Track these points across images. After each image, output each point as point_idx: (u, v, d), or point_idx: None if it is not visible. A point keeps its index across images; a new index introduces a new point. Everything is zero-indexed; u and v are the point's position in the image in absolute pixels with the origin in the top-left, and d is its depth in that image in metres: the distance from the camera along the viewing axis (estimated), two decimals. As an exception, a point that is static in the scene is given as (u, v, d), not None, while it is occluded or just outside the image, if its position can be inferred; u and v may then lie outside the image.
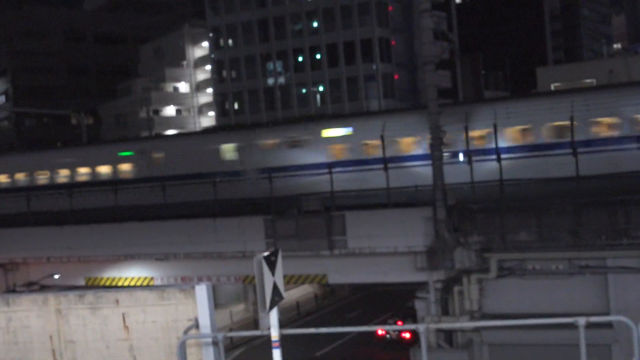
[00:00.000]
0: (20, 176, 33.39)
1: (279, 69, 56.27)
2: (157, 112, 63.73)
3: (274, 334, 8.59)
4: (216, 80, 59.97)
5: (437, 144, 19.76)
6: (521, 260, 19.05)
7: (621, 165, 19.44)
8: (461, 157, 22.04)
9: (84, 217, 25.63)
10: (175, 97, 66.22)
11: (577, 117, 19.93)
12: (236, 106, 58.74)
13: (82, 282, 25.81)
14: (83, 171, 31.41)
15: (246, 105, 57.63)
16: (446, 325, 19.13)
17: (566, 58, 70.59)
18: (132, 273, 24.96)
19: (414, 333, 25.67)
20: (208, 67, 63.33)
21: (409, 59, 54.25)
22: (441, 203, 19.19)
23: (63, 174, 31.79)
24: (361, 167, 23.60)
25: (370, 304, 37.97)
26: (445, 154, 20.30)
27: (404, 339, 28.59)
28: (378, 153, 23.14)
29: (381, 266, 20.83)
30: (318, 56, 54.33)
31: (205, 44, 63.20)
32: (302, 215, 21.26)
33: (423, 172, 21.20)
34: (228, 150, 27.37)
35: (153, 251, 23.50)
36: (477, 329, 19.10)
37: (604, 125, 20.52)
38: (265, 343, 8.82)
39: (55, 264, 25.60)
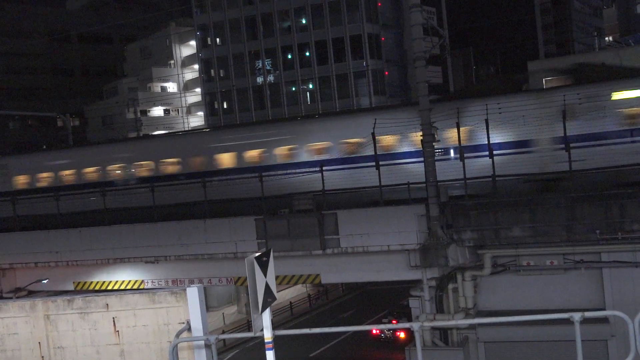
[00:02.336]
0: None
1: (268, 67, 56.07)
2: (144, 112, 63.34)
3: (267, 335, 8.50)
4: (204, 79, 59.67)
5: (428, 141, 19.62)
6: (515, 256, 18.97)
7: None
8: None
9: (71, 220, 25.29)
10: (162, 97, 65.86)
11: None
12: (225, 105, 58.50)
13: (70, 287, 25.49)
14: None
15: (235, 104, 57.39)
16: (441, 323, 19.00)
17: (558, 52, 70.85)
18: (122, 276, 24.67)
19: (409, 332, 25.60)
20: (196, 66, 63.01)
21: (399, 55, 54.22)
22: (434, 200, 19.06)
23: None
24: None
25: (364, 304, 37.90)
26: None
27: (398, 337, 28.52)
28: None
29: (374, 265, 20.68)
30: (307, 53, 54.18)
31: (193, 42, 62.89)
32: (293, 215, 21.05)
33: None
34: None
35: (143, 254, 23.22)
36: (472, 327, 18.99)
37: None
38: (259, 344, 8.72)
39: (43, 269, 25.25)
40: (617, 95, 19.98)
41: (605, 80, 20.55)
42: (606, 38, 78.74)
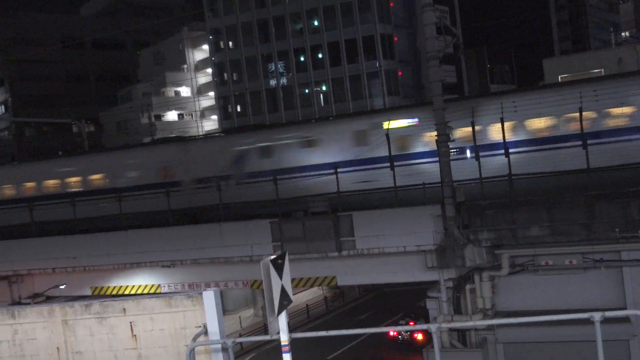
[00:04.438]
0: None
1: (281, 69, 56.07)
2: (158, 117, 63.65)
3: (284, 338, 8.45)
4: (217, 83, 59.81)
5: (443, 141, 19.47)
6: (533, 256, 18.77)
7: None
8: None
9: (88, 226, 25.43)
10: (176, 102, 66.14)
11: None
12: (239, 109, 58.59)
13: (88, 292, 25.63)
14: None
15: (248, 108, 57.47)
16: (459, 324, 18.83)
17: (573, 48, 69.98)
18: (139, 281, 24.76)
19: (427, 333, 25.41)
20: (209, 70, 63.21)
21: (412, 55, 53.99)
22: (450, 200, 18.91)
23: None
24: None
25: (380, 305, 37.74)
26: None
27: (416, 339, 28.32)
28: None
29: (391, 266, 20.56)
30: (320, 55, 54.12)
31: (206, 46, 63.09)
32: (308, 217, 20.98)
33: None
34: None
35: (159, 258, 23.28)
36: (490, 328, 18.80)
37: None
38: (275, 347, 8.68)
39: (60, 275, 25.41)
40: None
41: None
42: (623, 33, 77.59)
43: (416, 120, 22.77)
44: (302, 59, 54.92)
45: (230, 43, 58.35)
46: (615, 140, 19.56)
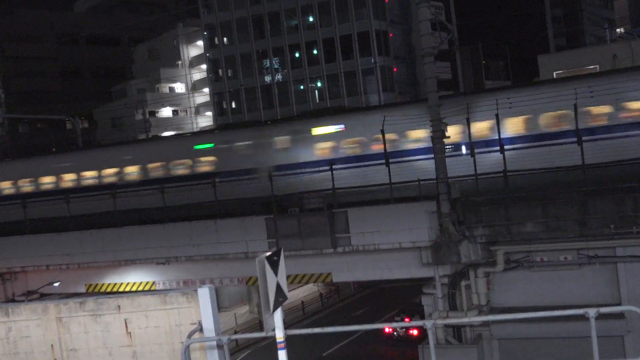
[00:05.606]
0: None
1: (276, 66, 56.00)
2: (153, 113, 63.49)
3: (279, 335, 8.45)
4: (212, 79, 59.70)
5: (438, 137, 19.47)
6: (528, 252, 18.79)
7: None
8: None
9: (82, 223, 25.35)
10: (171, 98, 65.96)
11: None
12: (233, 105, 58.50)
13: (82, 289, 25.55)
14: None
15: (243, 104, 57.38)
16: (454, 320, 18.85)
17: (568, 45, 69.97)
18: (133, 278, 24.71)
19: (422, 330, 25.44)
20: (204, 66, 63.07)
21: (407, 51, 54.00)
22: (445, 196, 18.91)
23: None
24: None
25: (376, 302, 37.79)
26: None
27: (411, 336, 28.38)
28: None
29: (386, 262, 20.57)
30: (315, 51, 54.06)
31: (200, 43, 62.95)
32: (304, 214, 20.96)
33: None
34: None
35: (154, 255, 23.22)
36: (485, 324, 18.82)
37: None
38: (271, 344, 8.69)
39: (54, 272, 25.32)
40: None
41: None
42: (617, 29, 77.70)
43: None
44: (297, 55, 54.85)
45: (225, 39, 58.21)
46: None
